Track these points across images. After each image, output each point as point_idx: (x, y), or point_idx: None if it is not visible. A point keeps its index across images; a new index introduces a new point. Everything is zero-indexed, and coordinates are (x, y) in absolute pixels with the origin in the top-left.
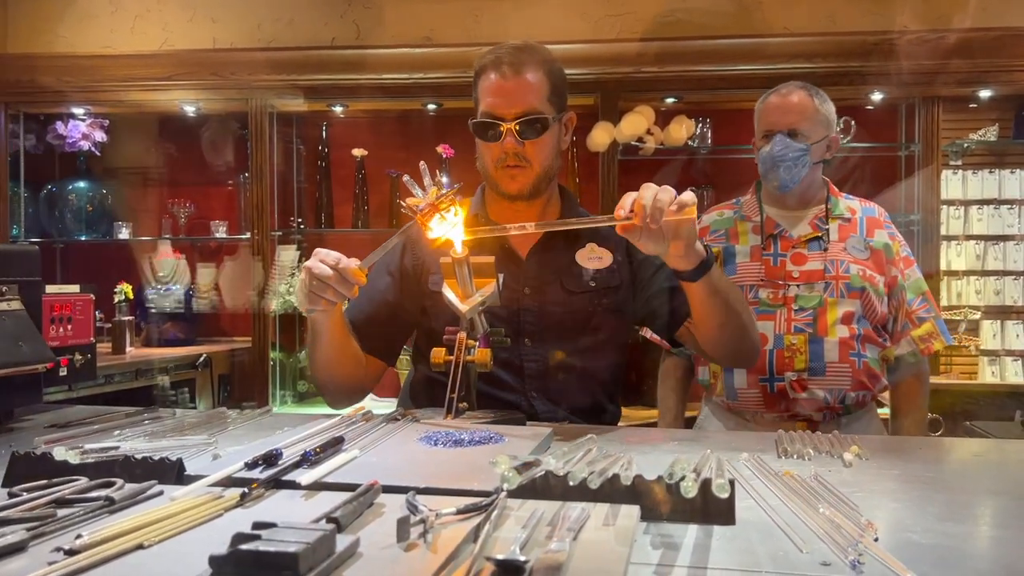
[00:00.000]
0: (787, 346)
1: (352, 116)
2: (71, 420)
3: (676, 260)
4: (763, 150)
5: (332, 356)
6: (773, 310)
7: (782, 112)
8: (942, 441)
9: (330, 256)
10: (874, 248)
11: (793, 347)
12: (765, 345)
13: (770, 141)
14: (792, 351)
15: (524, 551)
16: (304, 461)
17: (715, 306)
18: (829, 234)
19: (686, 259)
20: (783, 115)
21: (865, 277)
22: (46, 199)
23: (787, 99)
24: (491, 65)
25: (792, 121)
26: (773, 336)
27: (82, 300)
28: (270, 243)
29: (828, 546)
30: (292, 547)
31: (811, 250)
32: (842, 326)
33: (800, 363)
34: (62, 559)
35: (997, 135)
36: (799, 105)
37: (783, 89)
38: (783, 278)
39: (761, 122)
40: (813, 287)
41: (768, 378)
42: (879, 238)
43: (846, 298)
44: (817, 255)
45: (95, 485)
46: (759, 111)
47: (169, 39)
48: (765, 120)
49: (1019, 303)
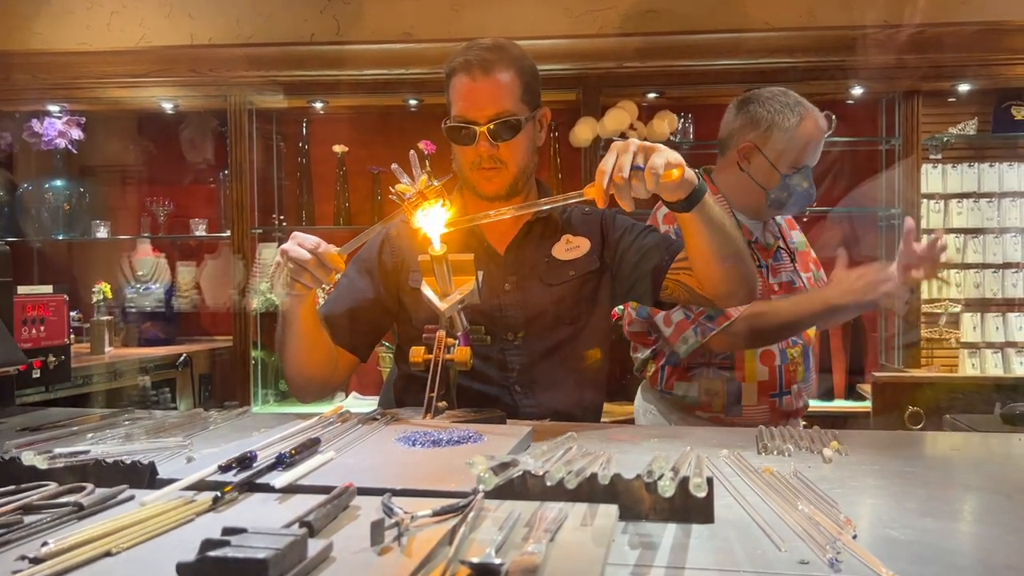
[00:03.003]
0: (790, 359)
1: (333, 112)
2: (44, 423)
3: (667, 194)
4: (799, 184)
5: (302, 347)
6: None
7: (818, 145)
8: (922, 435)
9: (308, 240)
10: (799, 251)
11: (794, 360)
12: (773, 362)
13: (802, 174)
14: (794, 364)
15: (500, 553)
16: (279, 463)
17: (712, 235)
18: (785, 243)
19: (677, 191)
20: (818, 148)
21: (811, 283)
22: (22, 198)
23: (824, 130)
24: (461, 67)
25: (818, 155)
26: (778, 351)
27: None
28: (251, 241)
29: (807, 544)
30: (261, 553)
31: (777, 260)
32: (814, 336)
33: (800, 375)
34: (27, 567)
35: (976, 129)
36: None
37: (819, 116)
38: (767, 291)
39: (803, 155)
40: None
41: (778, 392)
42: (796, 239)
43: None
44: (783, 267)
45: (64, 490)
46: (799, 138)
47: (146, 35)
48: (810, 153)
49: (999, 296)
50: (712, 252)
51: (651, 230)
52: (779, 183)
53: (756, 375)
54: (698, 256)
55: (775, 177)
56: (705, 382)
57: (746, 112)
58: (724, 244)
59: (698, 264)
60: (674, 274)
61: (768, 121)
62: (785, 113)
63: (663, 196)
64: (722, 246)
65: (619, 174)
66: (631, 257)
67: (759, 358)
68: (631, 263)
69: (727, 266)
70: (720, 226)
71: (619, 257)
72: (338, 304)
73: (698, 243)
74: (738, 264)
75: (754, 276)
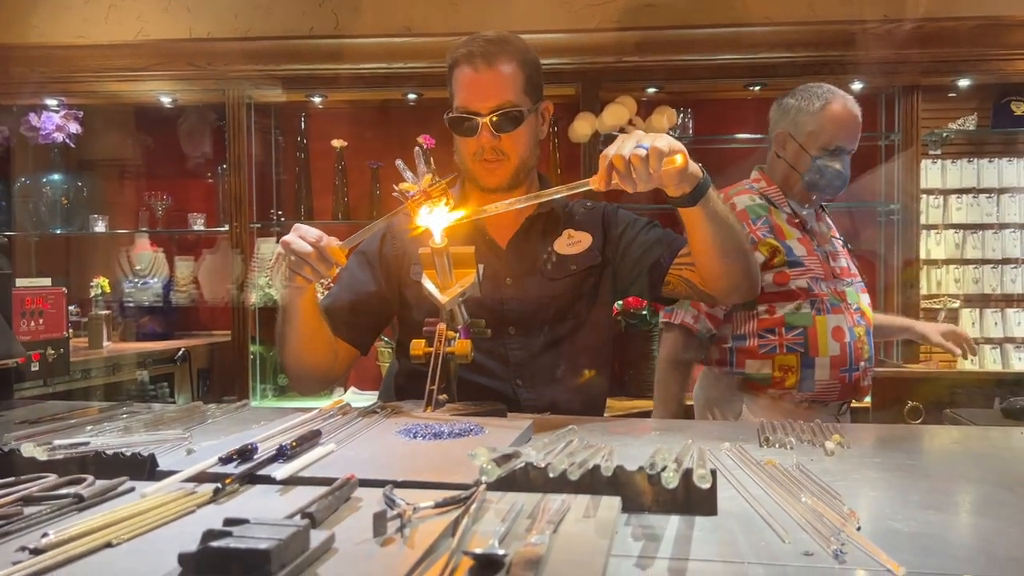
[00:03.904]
0: (858, 337)
1: (331, 107)
2: (43, 416)
3: (672, 189)
4: (827, 164)
5: (302, 338)
6: (839, 303)
7: (854, 129)
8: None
9: (310, 233)
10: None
11: (860, 338)
12: (843, 338)
13: (838, 158)
14: (861, 342)
15: (503, 545)
16: (280, 455)
17: (716, 231)
18: (835, 232)
19: (682, 185)
20: (853, 132)
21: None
22: (20, 192)
23: (855, 116)
24: (464, 58)
25: (855, 140)
26: (847, 328)
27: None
28: (249, 235)
29: (810, 536)
30: (263, 544)
31: (835, 247)
32: (873, 319)
33: (866, 353)
34: (27, 558)
35: (976, 124)
36: (859, 123)
37: (848, 101)
38: (831, 274)
39: (830, 135)
40: (849, 283)
41: (848, 368)
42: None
43: (865, 293)
44: (840, 254)
45: (64, 482)
46: (824, 120)
47: (144, 29)
48: (838, 135)
49: (997, 291)
50: (716, 247)
51: (653, 225)
52: (811, 165)
53: (828, 350)
54: (702, 251)
55: (806, 159)
56: (779, 358)
57: (779, 104)
58: (728, 239)
59: (701, 259)
60: (677, 270)
61: (796, 107)
62: (811, 98)
63: (667, 190)
64: (726, 241)
65: (620, 157)
66: (633, 252)
67: (831, 333)
68: (633, 258)
69: (730, 261)
70: (724, 221)
71: (621, 252)
72: (339, 296)
73: (702, 238)
74: (740, 259)
75: (756, 271)
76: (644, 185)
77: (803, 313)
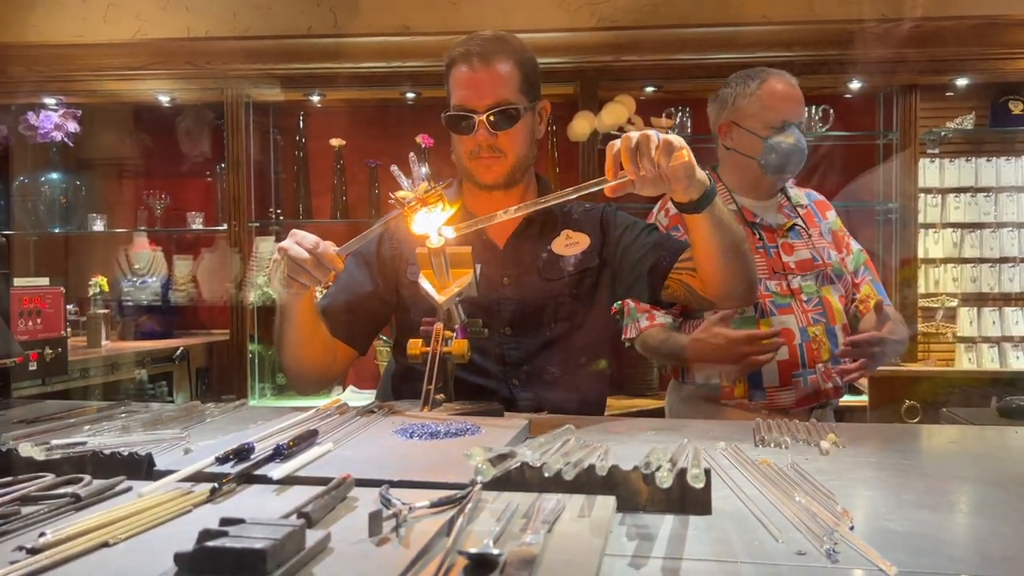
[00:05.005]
0: (812, 337)
1: (330, 105)
2: (40, 415)
3: (680, 194)
4: (780, 141)
5: (300, 340)
6: (787, 302)
7: (796, 102)
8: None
9: (308, 239)
10: (833, 231)
11: (817, 338)
12: (792, 340)
13: (786, 131)
14: (817, 342)
15: (498, 544)
16: (277, 455)
17: (720, 237)
18: (803, 223)
19: (689, 191)
20: (796, 105)
21: (842, 263)
22: (18, 191)
23: (795, 89)
24: (461, 57)
25: (801, 112)
26: (798, 329)
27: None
28: (248, 234)
29: (804, 535)
30: (259, 543)
31: (793, 238)
32: (841, 314)
33: (825, 353)
34: (24, 558)
35: (974, 123)
36: (801, 96)
37: (784, 75)
38: (782, 269)
39: (771, 111)
40: (806, 277)
41: (801, 372)
42: (831, 219)
43: (836, 284)
44: (801, 244)
45: (61, 482)
46: (764, 97)
47: (143, 28)
48: (779, 109)
49: (995, 290)
50: (720, 253)
51: (652, 228)
52: (764, 146)
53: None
54: (705, 258)
55: (756, 143)
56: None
57: (715, 97)
58: (731, 245)
59: (704, 265)
60: (677, 274)
61: (733, 94)
62: (745, 81)
63: (675, 195)
64: (729, 247)
65: (629, 137)
66: (632, 255)
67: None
68: (631, 261)
69: (732, 267)
70: (728, 227)
71: (619, 254)
72: (337, 297)
73: (707, 245)
74: (742, 266)
75: (755, 276)
76: (651, 181)
77: (745, 317)
